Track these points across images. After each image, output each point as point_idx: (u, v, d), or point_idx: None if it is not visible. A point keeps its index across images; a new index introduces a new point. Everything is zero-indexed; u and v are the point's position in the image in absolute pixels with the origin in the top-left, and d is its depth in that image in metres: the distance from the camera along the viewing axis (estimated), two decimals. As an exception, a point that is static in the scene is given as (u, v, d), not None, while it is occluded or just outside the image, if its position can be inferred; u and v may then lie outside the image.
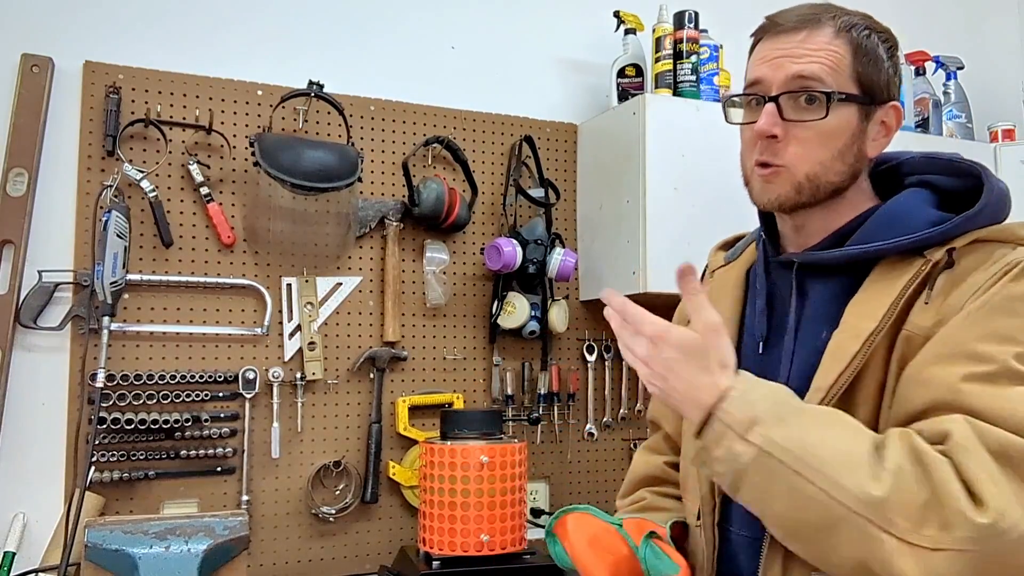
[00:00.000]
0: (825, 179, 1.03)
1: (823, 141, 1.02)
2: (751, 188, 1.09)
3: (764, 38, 1.08)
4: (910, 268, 0.97)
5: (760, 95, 1.05)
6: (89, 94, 1.72)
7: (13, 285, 1.64)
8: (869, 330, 0.95)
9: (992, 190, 0.99)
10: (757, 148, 1.05)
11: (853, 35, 1.04)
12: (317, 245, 1.88)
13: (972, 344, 0.89)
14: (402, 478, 1.89)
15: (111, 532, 1.39)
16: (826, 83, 1.02)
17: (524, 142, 2.09)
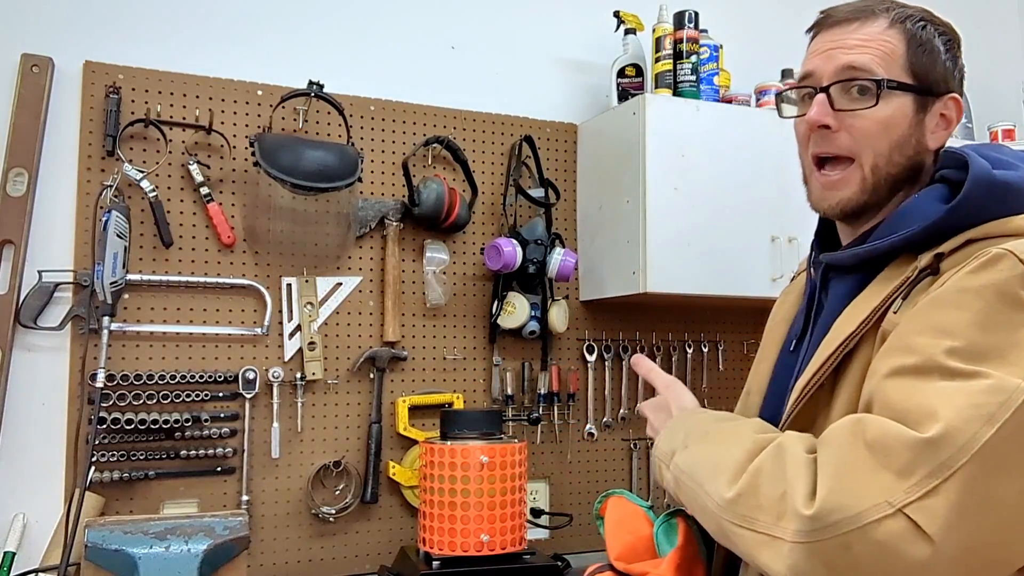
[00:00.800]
0: (886, 172, 1.02)
1: (878, 131, 1.01)
2: (809, 191, 1.08)
3: (818, 32, 1.07)
4: (903, 271, 0.95)
5: (812, 87, 1.04)
6: (89, 94, 1.72)
7: (13, 285, 1.64)
8: (846, 333, 0.95)
9: (977, 180, 0.92)
10: (812, 141, 1.04)
11: (907, 26, 1.03)
12: (317, 245, 1.89)
13: (910, 336, 0.87)
14: (402, 478, 1.89)
15: (111, 532, 1.39)
16: (877, 73, 1.00)
17: (524, 142, 2.09)
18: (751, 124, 2.00)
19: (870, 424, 0.82)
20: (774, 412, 1.05)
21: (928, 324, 0.86)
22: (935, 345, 0.83)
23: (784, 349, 1.14)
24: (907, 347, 0.86)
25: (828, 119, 1.01)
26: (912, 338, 0.86)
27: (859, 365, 0.94)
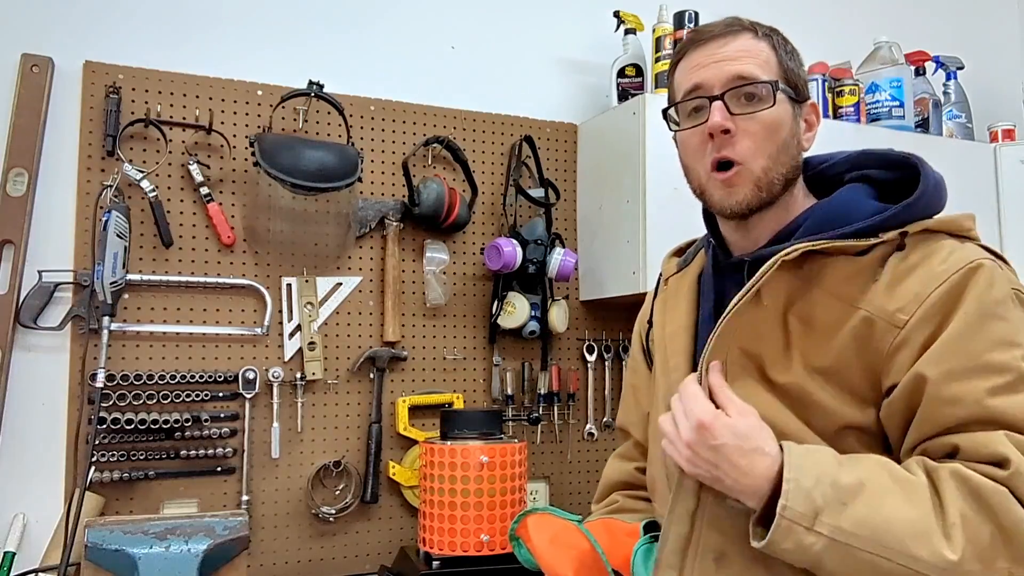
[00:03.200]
0: (776, 172, 1.06)
1: (769, 134, 1.06)
2: (709, 196, 1.10)
3: (690, 50, 1.12)
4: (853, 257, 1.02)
5: (704, 97, 1.08)
6: (89, 94, 1.72)
7: (13, 285, 1.64)
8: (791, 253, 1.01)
9: (928, 180, 1.04)
10: (710, 147, 1.07)
11: (773, 39, 1.11)
12: (317, 245, 1.89)
13: (984, 356, 0.94)
14: (402, 478, 1.89)
15: (111, 532, 1.39)
16: (760, 78, 1.06)
17: (524, 142, 2.09)
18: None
19: None
20: None
21: (992, 340, 0.94)
22: (1014, 358, 0.94)
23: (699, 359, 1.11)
24: (989, 366, 0.94)
25: (728, 123, 1.05)
26: (987, 357, 0.94)
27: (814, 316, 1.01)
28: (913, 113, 2.30)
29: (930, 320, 0.96)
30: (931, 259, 1.00)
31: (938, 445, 0.96)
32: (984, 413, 0.92)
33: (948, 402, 0.94)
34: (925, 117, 2.38)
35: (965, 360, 0.94)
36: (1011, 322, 0.96)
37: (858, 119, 2.23)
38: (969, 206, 2.56)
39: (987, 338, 0.94)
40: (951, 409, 0.94)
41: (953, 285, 0.97)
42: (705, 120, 1.07)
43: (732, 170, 1.06)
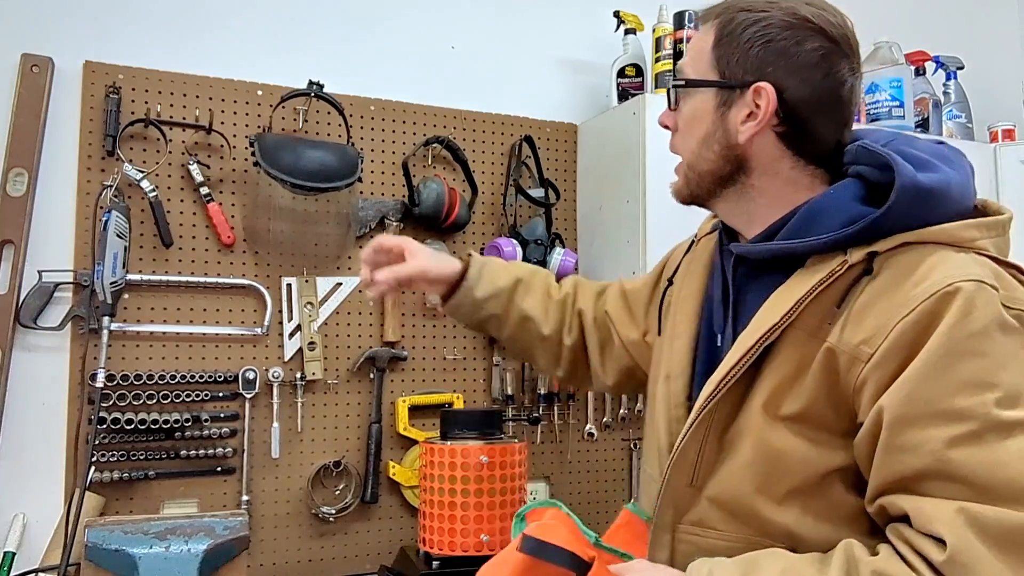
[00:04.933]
0: (699, 168, 1.04)
1: (687, 129, 1.06)
2: None
3: None
4: (827, 266, 0.93)
5: None
6: (89, 94, 1.72)
7: (13, 285, 1.64)
8: (769, 324, 0.93)
9: (904, 186, 0.90)
10: None
11: (722, 19, 1.02)
12: (317, 245, 1.89)
13: (947, 401, 0.83)
14: (402, 478, 1.89)
15: (111, 532, 1.39)
16: (686, 75, 1.05)
17: (524, 142, 2.09)
18: (751, 124, 1.99)
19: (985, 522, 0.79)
20: None
21: (958, 382, 0.83)
22: (981, 403, 0.82)
23: (705, 336, 1.10)
24: (950, 413, 0.83)
25: (667, 119, 1.10)
26: (949, 402, 0.83)
27: (781, 359, 0.94)
28: (913, 113, 2.30)
29: (895, 355, 0.86)
30: (903, 281, 0.89)
31: (891, 506, 0.88)
32: (940, 466, 0.83)
33: (903, 450, 0.85)
34: (925, 117, 2.38)
35: (923, 405, 0.84)
36: (989, 357, 0.84)
37: (858, 119, 2.22)
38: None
39: (954, 379, 0.83)
40: (905, 458, 0.85)
41: (922, 314, 0.85)
42: None
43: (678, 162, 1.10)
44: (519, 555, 0.85)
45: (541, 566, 0.87)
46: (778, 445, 0.93)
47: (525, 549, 0.85)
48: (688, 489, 1.00)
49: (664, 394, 1.11)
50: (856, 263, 0.91)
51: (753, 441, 0.95)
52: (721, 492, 0.98)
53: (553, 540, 0.87)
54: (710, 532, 0.99)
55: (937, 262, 0.89)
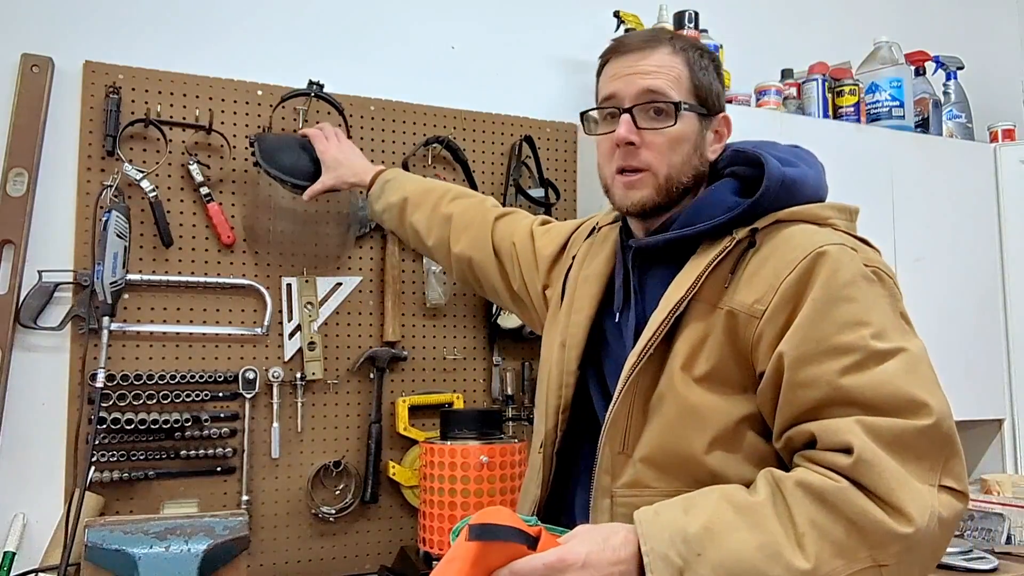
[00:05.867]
0: (677, 180, 1.16)
1: (673, 146, 1.15)
2: (612, 195, 1.20)
3: (612, 58, 1.19)
4: (717, 246, 1.09)
5: (615, 107, 1.16)
6: (89, 94, 1.72)
7: (13, 285, 1.64)
8: (676, 299, 1.08)
9: (771, 176, 1.08)
10: (617, 155, 1.16)
11: (689, 54, 1.17)
12: (317, 245, 1.89)
13: (832, 339, 0.99)
14: (402, 478, 1.89)
15: (111, 532, 1.39)
16: (672, 96, 1.14)
17: (524, 142, 2.09)
18: (750, 124, 1.98)
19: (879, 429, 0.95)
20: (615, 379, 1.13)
21: (839, 323, 1.00)
22: (860, 338, 0.99)
23: (608, 316, 1.22)
24: (838, 348, 0.99)
25: (633, 136, 1.14)
26: (835, 340, 0.99)
27: (689, 329, 1.08)
28: (913, 113, 2.30)
29: (783, 308, 1.02)
30: (781, 248, 1.06)
31: (799, 433, 1.01)
32: (836, 394, 0.98)
33: (803, 385, 1.00)
34: (925, 117, 2.39)
35: (815, 344, 0.99)
36: (859, 302, 1.01)
37: (858, 119, 2.23)
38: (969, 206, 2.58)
39: (835, 320, 1.00)
40: (806, 392, 0.99)
41: (801, 272, 1.02)
42: (614, 129, 1.15)
43: (636, 175, 1.15)
44: (469, 544, 0.88)
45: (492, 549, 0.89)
46: (696, 401, 1.06)
47: (472, 536, 0.88)
48: (620, 456, 1.11)
49: (559, 360, 1.24)
50: (742, 239, 1.08)
51: (676, 400, 1.07)
52: (650, 452, 1.09)
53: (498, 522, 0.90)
54: (645, 491, 1.09)
55: (806, 233, 1.07)
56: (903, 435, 0.95)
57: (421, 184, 1.67)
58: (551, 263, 1.44)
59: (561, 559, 0.90)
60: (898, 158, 2.24)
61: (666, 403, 1.08)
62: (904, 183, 2.22)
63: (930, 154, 2.28)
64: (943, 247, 2.27)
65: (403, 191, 1.65)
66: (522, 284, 1.49)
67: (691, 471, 1.07)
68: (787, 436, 1.03)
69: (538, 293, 1.46)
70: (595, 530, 0.97)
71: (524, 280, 1.48)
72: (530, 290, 1.48)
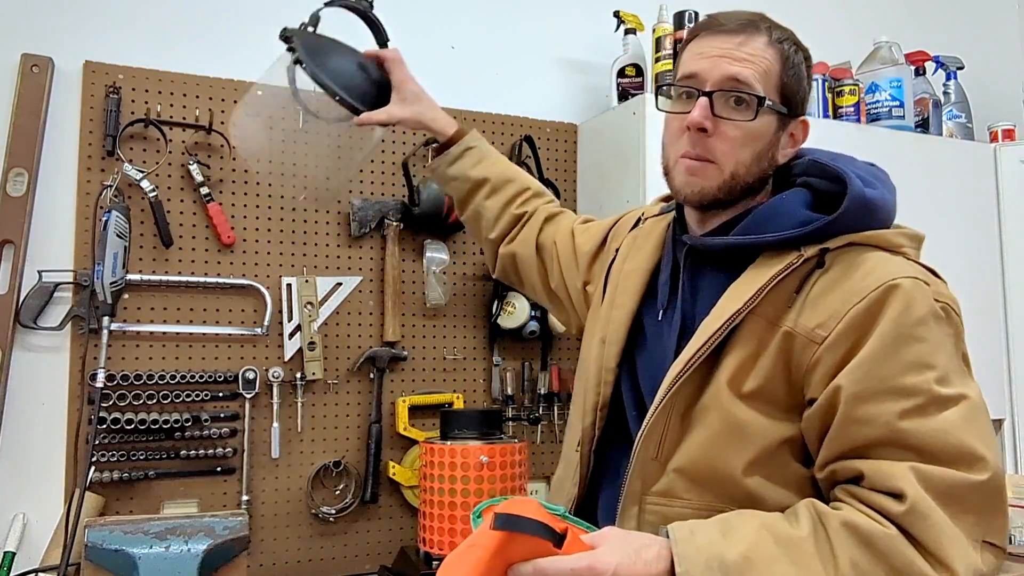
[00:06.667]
0: (743, 179, 1.10)
1: (746, 142, 1.09)
2: (672, 178, 1.15)
3: (702, 35, 1.12)
4: (783, 259, 1.04)
5: (695, 88, 1.09)
6: (89, 94, 1.72)
7: (13, 285, 1.64)
8: (733, 310, 1.03)
9: (854, 197, 1.04)
10: (685, 139, 1.11)
11: (784, 48, 1.10)
12: (317, 245, 1.88)
13: (896, 379, 0.96)
14: (402, 478, 1.89)
15: (111, 532, 1.39)
16: (756, 89, 1.08)
17: (524, 142, 2.09)
18: (751, 124, 1.99)
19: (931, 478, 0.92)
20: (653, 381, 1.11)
21: (904, 364, 0.97)
22: (924, 381, 0.96)
23: (649, 312, 1.19)
24: (901, 389, 0.96)
25: (708, 123, 1.08)
26: (899, 380, 0.96)
27: (742, 342, 1.04)
28: (913, 113, 2.30)
29: (847, 337, 0.99)
30: (852, 274, 1.02)
31: (846, 468, 0.99)
32: (893, 436, 0.95)
33: (859, 422, 0.97)
34: (925, 117, 2.38)
35: (878, 382, 0.96)
36: (927, 342, 0.98)
37: (858, 119, 2.23)
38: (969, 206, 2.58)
39: (901, 360, 0.97)
40: (862, 429, 0.97)
41: (871, 303, 0.98)
42: (689, 111, 1.09)
43: (700, 163, 1.10)
44: (492, 533, 0.85)
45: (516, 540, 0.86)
46: (742, 418, 1.03)
47: (497, 525, 0.85)
48: (653, 462, 1.08)
49: (598, 356, 1.21)
50: (810, 257, 1.03)
51: (720, 415, 1.04)
52: (687, 463, 1.06)
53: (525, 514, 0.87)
54: (676, 502, 1.06)
55: (879, 260, 1.03)
56: (956, 488, 0.92)
57: (503, 168, 1.56)
58: (591, 259, 1.41)
59: (591, 567, 0.87)
60: (898, 158, 2.22)
61: (710, 416, 1.04)
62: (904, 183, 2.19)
63: (930, 154, 2.28)
64: (943, 247, 2.27)
65: (486, 170, 1.53)
66: (560, 282, 1.46)
67: (726, 487, 1.04)
68: (832, 468, 1.00)
69: (578, 290, 1.42)
70: (626, 539, 0.94)
71: (563, 278, 1.45)
72: (569, 288, 1.44)
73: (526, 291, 1.59)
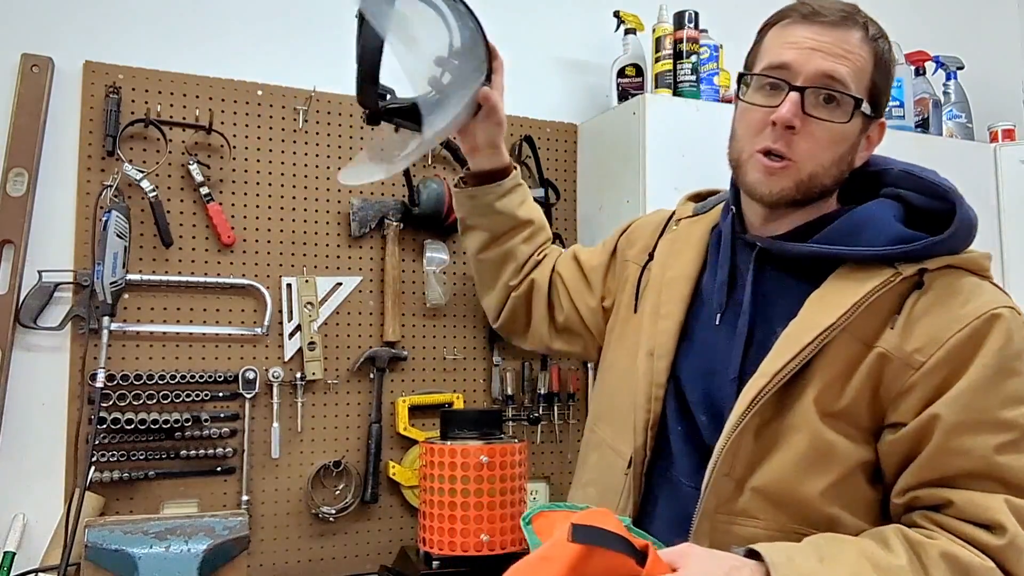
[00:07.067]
0: (821, 182, 1.04)
1: (831, 144, 1.03)
2: (744, 173, 1.07)
3: (794, 21, 1.05)
4: (876, 275, 0.99)
5: (784, 81, 1.02)
6: (89, 94, 1.72)
7: (13, 285, 1.64)
8: (825, 324, 0.98)
9: (964, 218, 1.01)
10: (767, 134, 1.03)
11: (878, 45, 1.04)
12: (317, 245, 1.88)
13: (995, 412, 0.95)
14: (402, 478, 1.89)
15: (111, 532, 1.39)
16: (850, 88, 1.01)
17: (524, 142, 2.09)
18: (751, 124, 1.99)
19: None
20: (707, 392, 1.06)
21: (1003, 397, 0.95)
22: (1021, 415, 0.95)
23: (701, 318, 1.12)
24: (999, 423, 0.95)
25: (796, 121, 1.01)
26: (997, 413, 0.95)
27: (829, 359, 0.99)
28: (913, 113, 2.30)
29: (946, 365, 0.96)
30: (951, 300, 0.99)
31: (932, 495, 0.97)
32: (988, 469, 0.94)
33: (955, 453, 0.95)
34: (925, 117, 2.39)
35: (977, 414, 0.95)
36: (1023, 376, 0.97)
37: (858, 119, 2.23)
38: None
39: (1001, 393, 0.95)
40: (956, 460, 0.95)
41: (973, 332, 0.96)
42: (775, 105, 1.01)
43: (780, 162, 1.02)
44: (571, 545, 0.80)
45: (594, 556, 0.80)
46: (829, 439, 0.99)
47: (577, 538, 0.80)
48: (726, 479, 1.03)
49: (646, 371, 1.14)
50: (908, 276, 0.99)
51: (808, 436, 0.99)
52: (768, 483, 1.01)
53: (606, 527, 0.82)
54: (750, 521, 1.02)
55: (974, 286, 1.00)
56: None
57: (539, 211, 1.48)
58: (604, 272, 1.34)
59: None
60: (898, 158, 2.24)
61: (796, 436, 1.00)
62: (904, 183, 2.21)
63: (930, 154, 2.25)
64: (943, 247, 2.27)
65: (529, 211, 1.43)
66: (571, 310, 1.38)
67: (802, 509, 1.00)
68: (915, 495, 0.98)
69: (592, 310, 1.35)
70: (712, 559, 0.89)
71: (574, 304, 1.38)
72: (581, 311, 1.37)
73: (529, 336, 1.50)
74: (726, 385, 1.05)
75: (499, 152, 1.40)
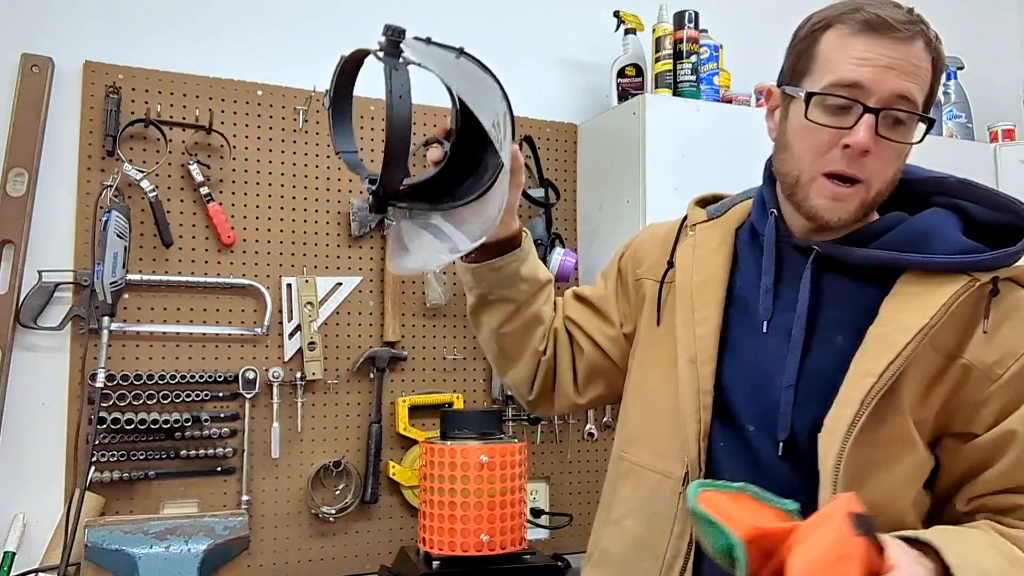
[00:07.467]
0: (883, 196, 1.02)
1: (895, 160, 1.00)
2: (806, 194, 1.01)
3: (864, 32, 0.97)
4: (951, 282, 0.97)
5: (858, 102, 0.96)
6: (89, 94, 1.72)
7: (13, 285, 1.64)
8: (919, 325, 0.94)
9: None
10: (835, 157, 0.98)
11: (938, 53, 1.00)
12: (317, 245, 1.88)
13: None
14: (402, 478, 1.89)
15: (111, 532, 1.39)
16: (918, 106, 0.98)
17: (524, 142, 2.09)
18: (751, 124, 1.97)
19: None
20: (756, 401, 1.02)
21: None
22: None
23: (742, 324, 1.07)
24: None
25: (871, 144, 0.96)
26: None
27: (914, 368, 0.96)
28: (913, 113, 2.29)
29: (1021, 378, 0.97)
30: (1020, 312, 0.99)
31: (1005, 500, 0.98)
32: None
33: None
34: (925, 117, 2.38)
35: None
36: None
37: (858, 119, 2.23)
38: (969, 206, 2.51)
39: None
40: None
41: None
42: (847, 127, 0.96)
43: (851, 188, 0.99)
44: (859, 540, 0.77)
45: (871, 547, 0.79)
46: (922, 450, 0.99)
47: (862, 530, 0.77)
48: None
49: (691, 379, 1.07)
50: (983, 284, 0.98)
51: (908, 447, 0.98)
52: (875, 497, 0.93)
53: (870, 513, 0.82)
54: None
55: None
56: None
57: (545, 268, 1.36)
58: (615, 299, 1.29)
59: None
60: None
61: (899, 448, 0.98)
62: (904, 183, 2.21)
63: (930, 154, 2.25)
64: (943, 247, 2.27)
65: (545, 271, 1.31)
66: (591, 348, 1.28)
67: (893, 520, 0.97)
68: (984, 500, 1.00)
69: (612, 339, 1.27)
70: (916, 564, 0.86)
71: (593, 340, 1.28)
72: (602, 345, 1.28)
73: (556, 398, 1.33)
74: (780, 393, 1.01)
75: (514, 216, 1.26)
